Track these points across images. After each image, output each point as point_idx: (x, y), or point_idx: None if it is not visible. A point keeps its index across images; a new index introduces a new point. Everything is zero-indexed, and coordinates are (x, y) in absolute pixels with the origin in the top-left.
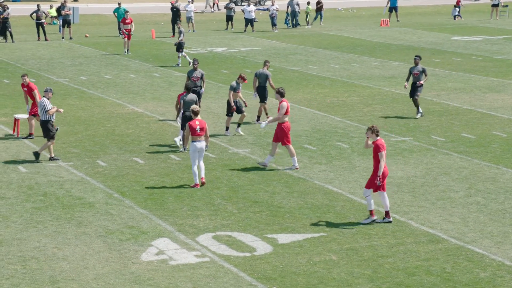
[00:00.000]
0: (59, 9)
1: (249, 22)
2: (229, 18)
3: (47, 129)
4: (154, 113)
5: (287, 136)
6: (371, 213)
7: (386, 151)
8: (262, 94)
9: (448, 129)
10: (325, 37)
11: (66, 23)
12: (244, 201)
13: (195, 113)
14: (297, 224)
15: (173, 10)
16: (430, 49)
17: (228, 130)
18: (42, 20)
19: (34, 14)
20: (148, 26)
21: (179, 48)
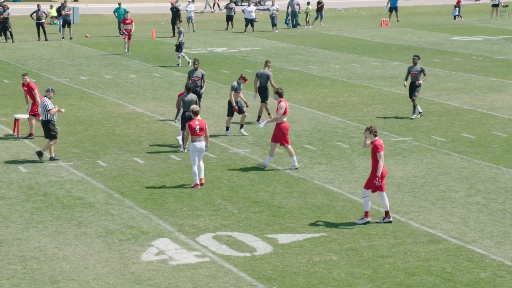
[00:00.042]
0: (59, 9)
1: (249, 22)
2: (229, 18)
3: (49, 129)
4: (154, 113)
5: (286, 136)
6: (366, 214)
7: (386, 151)
8: (264, 94)
9: (448, 129)
10: (326, 37)
11: (66, 23)
12: (244, 201)
13: (195, 113)
14: (297, 224)
15: (173, 10)
16: (431, 49)
17: (229, 130)
18: (43, 20)
19: (34, 14)
20: (148, 26)
21: (179, 48)
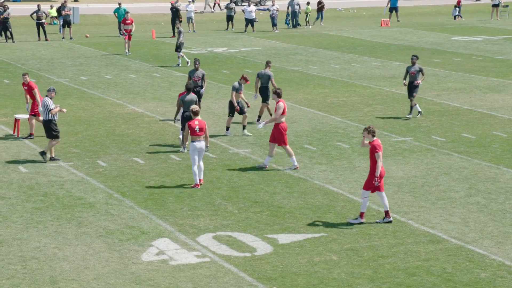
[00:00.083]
0: (60, 9)
1: (250, 22)
2: (230, 18)
3: (50, 129)
4: (155, 113)
5: (284, 137)
6: (361, 215)
7: (387, 151)
8: (265, 95)
9: (449, 129)
10: (326, 37)
11: (67, 23)
12: (245, 201)
13: (195, 113)
14: (298, 224)
15: (173, 11)
16: (431, 49)
17: (229, 130)
18: (43, 20)
19: (35, 14)
20: (149, 26)
21: (178, 48)
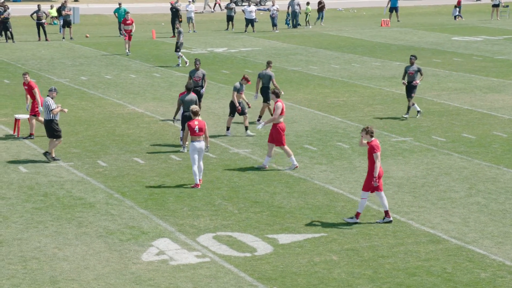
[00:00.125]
0: (60, 9)
1: (250, 22)
2: (230, 18)
3: (52, 129)
4: (155, 113)
5: (282, 137)
6: (357, 215)
7: (386, 151)
8: (266, 95)
9: (449, 129)
10: (326, 38)
11: (67, 24)
12: (245, 201)
13: (195, 113)
14: (298, 224)
15: (173, 11)
16: (431, 49)
17: (229, 130)
18: (43, 20)
19: (35, 14)
20: (149, 26)
21: (177, 48)
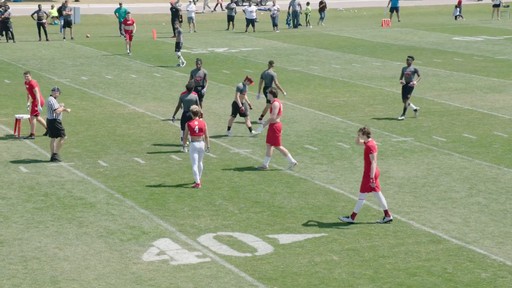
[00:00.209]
0: (60, 9)
1: (250, 22)
2: (230, 18)
3: (55, 128)
4: (155, 113)
5: (278, 138)
6: (353, 216)
7: (387, 151)
8: None
9: (449, 130)
10: (326, 38)
11: (67, 24)
12: (245, 201)
13: (195, 113)
14: (298, 225)
15: (172, 11)
16: (431, 49)
17: (230, 130)
18: (43, 21)
19: (35, 14)
20: (149, 26)
21: (177, 48)
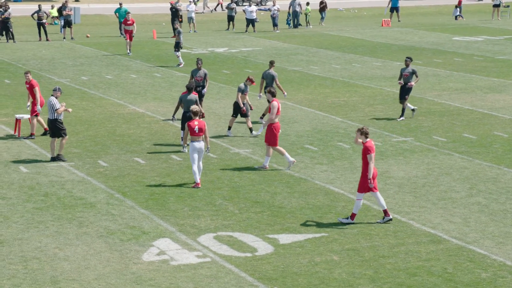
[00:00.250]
0: (61, 10)
1: (250, 22)
2: (230, 18)
3: (57, 128)
4: (155, 113)
5: (275, 137)
6: (352, 216)
7: (387, 151)
8: None
9: (450, 130)
10: (327, 38)
11: (68, 24)
12: (245, 202)
13: (195, 113)
14: (298, 225)
15: (172, 11)
16: (432, 49)
17: (230, 130)
18: (44, 21)
19: (36, 14)
20: (149, 27)
21: (176, 48)
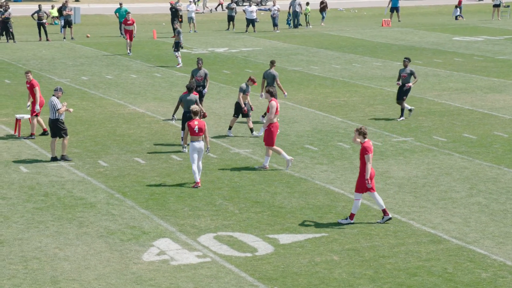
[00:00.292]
0: (61, 9)
1: (251, 22)
2: (231, 18)
3: (58, 128)
4: (156, 113)
5: (273, 137)
6: (351, 216)
7: (387, 151)
8: None
9: (450, 130)
10: (327, 38)
11: (68, 24)
12: (246, 201)
13: (195, 113)
14: (298, 225)
15: (172, 11)
16: (432, 50)
17: (231, 130)
18: (44, 21)
19: (36, 15)
20: (150, 26)
21: (176, 48)
